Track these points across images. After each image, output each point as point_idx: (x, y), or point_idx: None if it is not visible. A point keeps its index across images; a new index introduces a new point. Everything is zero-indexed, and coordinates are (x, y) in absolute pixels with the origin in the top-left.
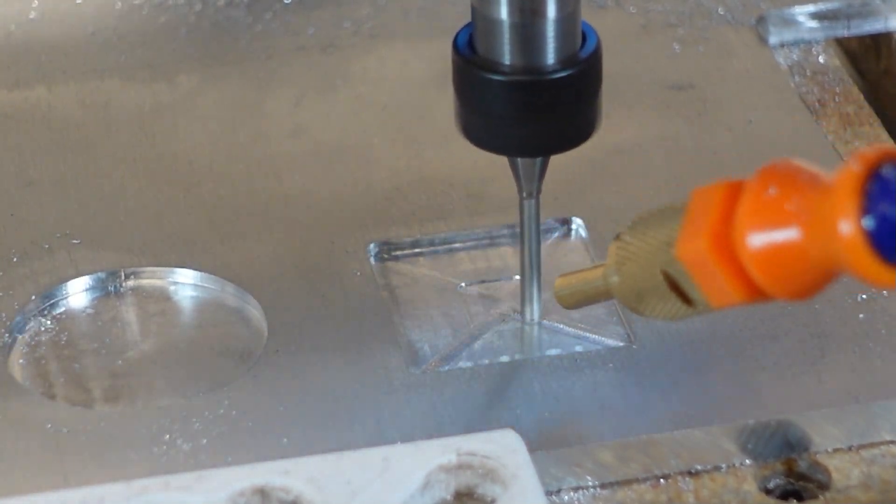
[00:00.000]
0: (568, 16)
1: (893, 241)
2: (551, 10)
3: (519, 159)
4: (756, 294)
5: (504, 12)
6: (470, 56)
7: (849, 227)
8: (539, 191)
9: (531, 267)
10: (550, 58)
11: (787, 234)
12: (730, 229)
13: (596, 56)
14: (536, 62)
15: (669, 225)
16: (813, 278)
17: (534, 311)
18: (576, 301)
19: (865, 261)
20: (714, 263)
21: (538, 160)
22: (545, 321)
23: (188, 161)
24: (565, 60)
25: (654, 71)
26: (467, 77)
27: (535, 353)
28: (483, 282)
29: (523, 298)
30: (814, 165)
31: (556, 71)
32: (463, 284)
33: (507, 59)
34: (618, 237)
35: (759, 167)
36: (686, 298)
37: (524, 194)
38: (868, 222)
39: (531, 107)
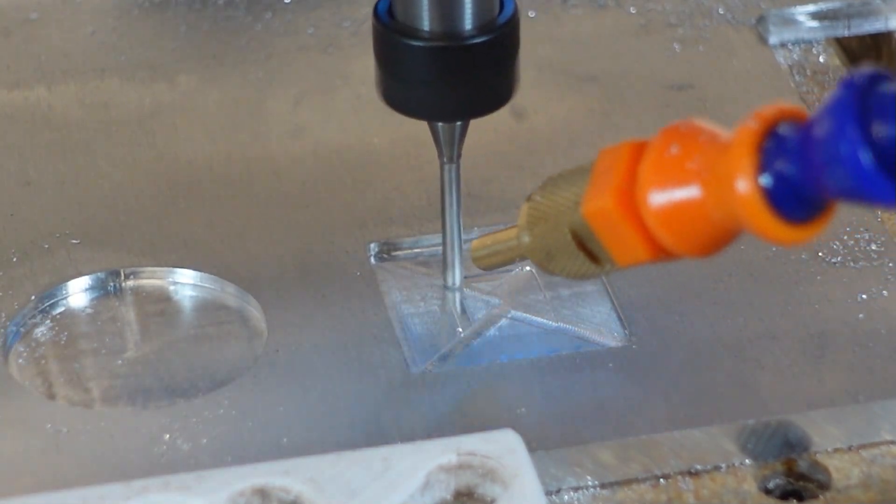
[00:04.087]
0: None
1: (789, 198)
2: None
3: (439, 124)
4: (660, 252)
5: None
6: (389, 22)
7: (745, 184)
8: (459, 155)
9: (452, 232)
10: (468, 24)
11: (687, 192)
12: (633, 187)
13: (513, 22)
14: (454, 28)
15: (578, 184)
16: (714, 236)
17: (455, 276)
18: (491, 262)
19: (762, 218)
20: (619, 221)
21: (458, 125)
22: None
23: (188, 161)
24: (483, 26)
25: (654, 71)
26: (387, 43)
27: (535, 353)
28: (477, 275)
29: (445, 264)
30: (717, 126)
31: (473, 36)
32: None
33: (425, 26)
34: (529, 198)
35: (662, 127)
36: (594, 257)
37: (444, 159)
38: (764, 180)
39: (450, 72)
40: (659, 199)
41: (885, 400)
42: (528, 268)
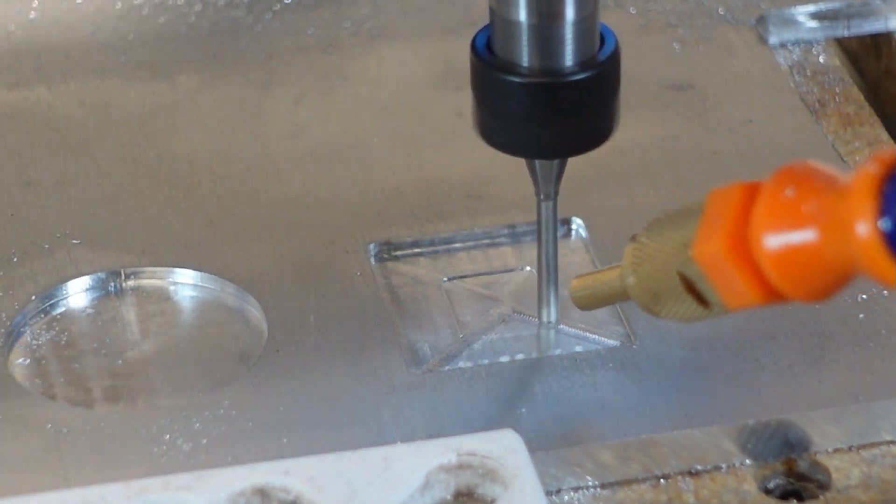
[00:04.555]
0: (586, 18)
1: None
2: (569, 12)
3: (536, 161)
4: (772, 295)
5: (522, 14)
6: (488, 58)
7: (865, 228)
8: (557, 193)
9: (548, 269)
10: (568, 60)
11: (803, 236)
12: (746, 230)
13: (614, 58)
14: (554, 64)
15: (686, 226)
16: (829, 279)
17: (550, 313)
18: (592, 302)
19: (882, 262)
20: (730, 264)
21: (556, 162)
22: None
23: (188, 161)
24: (583, 63)
25: (654, 71)
26: (485, 79)
27: (536, 354)
28: (478, 275)
29: (540, 301)
30: (830, 167)
31: (574, 73)
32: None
33: (524, 61)
34: (634, 238)
35: (775, 168)
36: (702, 300)
37: (542, 196)
38: (885, 224)
39: (549, 109)
40: (774, 242)
41: (885, 400)
42: (528, 268)
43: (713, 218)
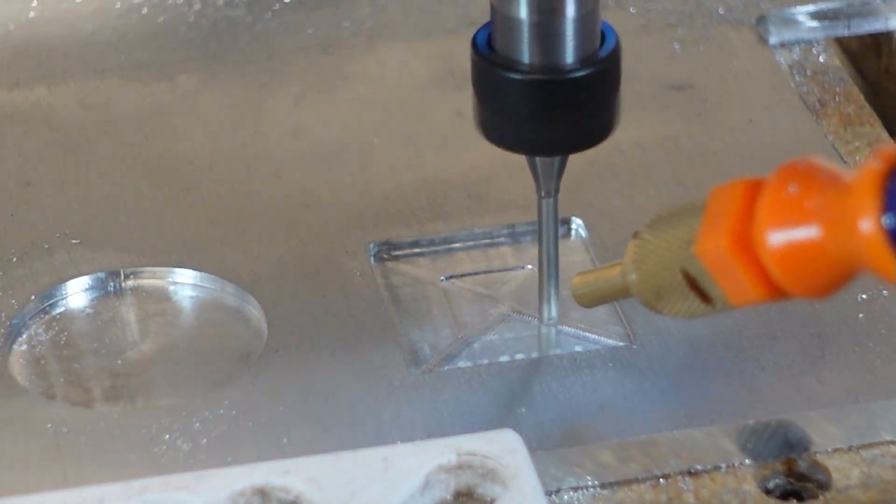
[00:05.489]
0: (587, 15)
1: None
2: (570, 9)
3: (538, 158)
4: (776, 292)
5: (524, 11)
6: (489, 55)
7: (869, 225)
8: (557, 190)
9: (549, 266)
10: (569, 57)
11: (807, 232)
12: (750, 227)
13: (615, 55)
14: (555, 61)
15: (689, 223)
16: (833, 276)
17: (551, 310)
18: (593, 299)
19: (885, 259)
20: (734, 261)
21: (556, 159)
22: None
23: (188, 161)
24: (584, 59)
25: (654, 71)
26: (486, 76)
27: (535, 353)
28: (476, 273)
29: (541, 298)
30: (833, 163)
31: (575, 70)
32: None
33: (526, 58)
34: (636, 235)
35: (779, 165)
36: (705, 296)
37: (542, 193)
38: (888, 220)
39: (550, 106)
40: (777, 239)
41: (885, 400)
42: (529, 266)
43: (716, 215)
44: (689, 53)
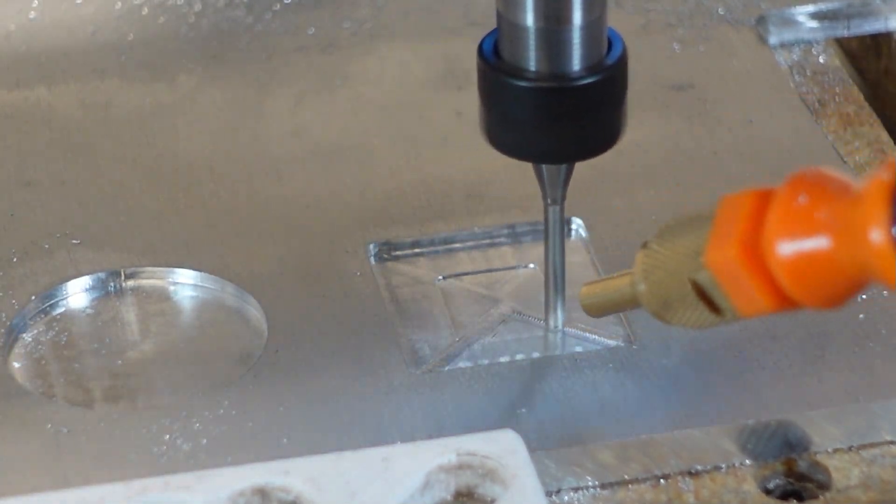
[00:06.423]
0: (594, 22)
1: None
2: (577, 17)
3: (544, 166)
4: (785, 302)
5: (530, 18)
6: (495, 62)
7: (879, 235)
8: (564, 197)
9: (555, 274)
10: (576, 64)
11: (816, 243)
12: (759, 237)
13: (622, 63)
14: (562, 68)
15: (698, 233)
16: (843, 287)
17: (558, 318)
18: (602, 309)
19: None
20: (743, 271)
21: (563, 167)
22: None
23: (188, 161)
24: (591, 67)
25: (654, 71)
26: (492, 83)
27: (536, 354)
28: (476, 273)
29: (547, 306)
30: (843, 173)
31: (581, 77)
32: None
33: (532, 66)
34: (645, 245)
35: (778, 169)
36: (714, 307)
37: (549, 200)
38: None
39: (556, 113)
40: (787, 249)
41: (885, 400)
42: (531, 265)
43: (725, 225)
44: (689, 53)
